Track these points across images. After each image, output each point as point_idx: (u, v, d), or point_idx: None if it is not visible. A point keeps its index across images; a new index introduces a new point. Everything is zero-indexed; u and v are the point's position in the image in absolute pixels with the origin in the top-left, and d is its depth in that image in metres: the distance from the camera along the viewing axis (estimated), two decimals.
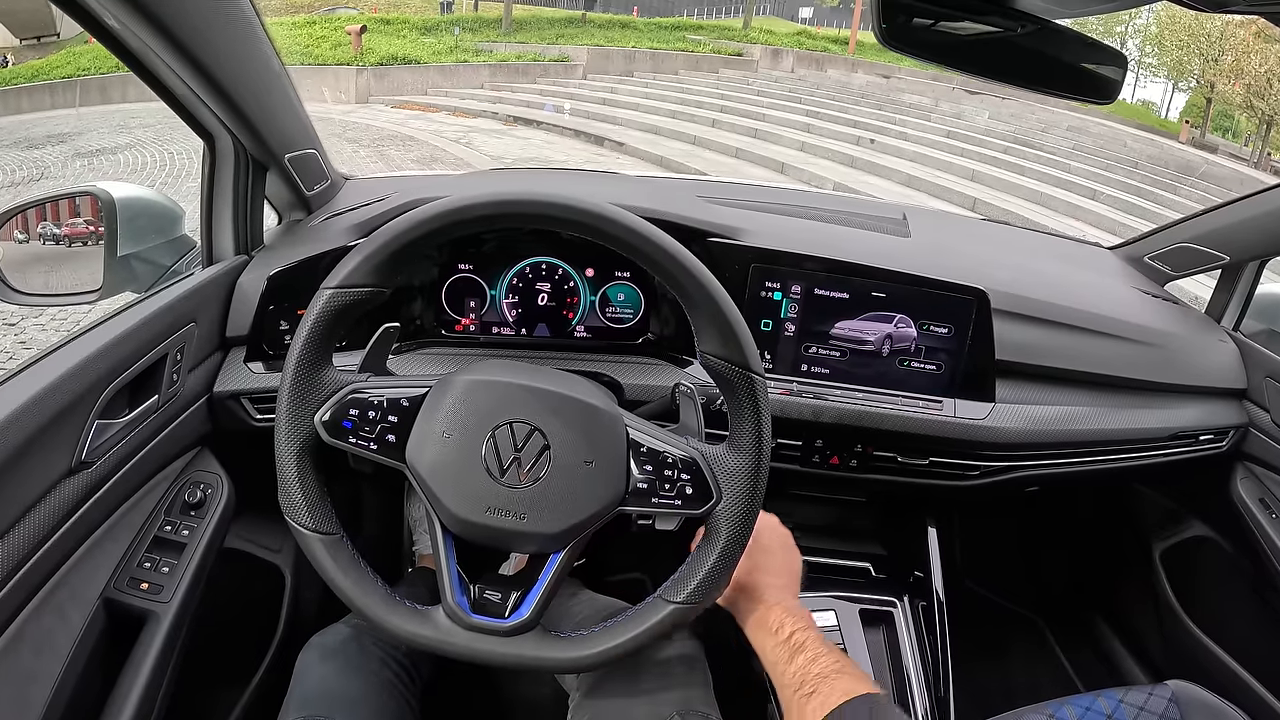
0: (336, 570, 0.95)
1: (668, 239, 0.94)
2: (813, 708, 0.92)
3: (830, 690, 0.92)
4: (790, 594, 1.13)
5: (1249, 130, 33.44)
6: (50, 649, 1.07)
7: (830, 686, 0.93)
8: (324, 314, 0.94)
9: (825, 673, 0.95)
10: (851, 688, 0.92)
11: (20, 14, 21.39)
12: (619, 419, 0.99)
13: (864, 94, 21.79)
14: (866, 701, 0.89)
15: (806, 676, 0.96)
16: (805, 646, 1.00)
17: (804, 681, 0.96)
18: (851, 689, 0.91)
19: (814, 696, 0.93)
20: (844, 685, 0.92)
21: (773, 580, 1.13)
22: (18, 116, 15.58)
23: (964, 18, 0.92)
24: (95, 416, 1.11)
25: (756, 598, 1.11)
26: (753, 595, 1.11)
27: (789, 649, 1.01)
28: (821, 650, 0.99)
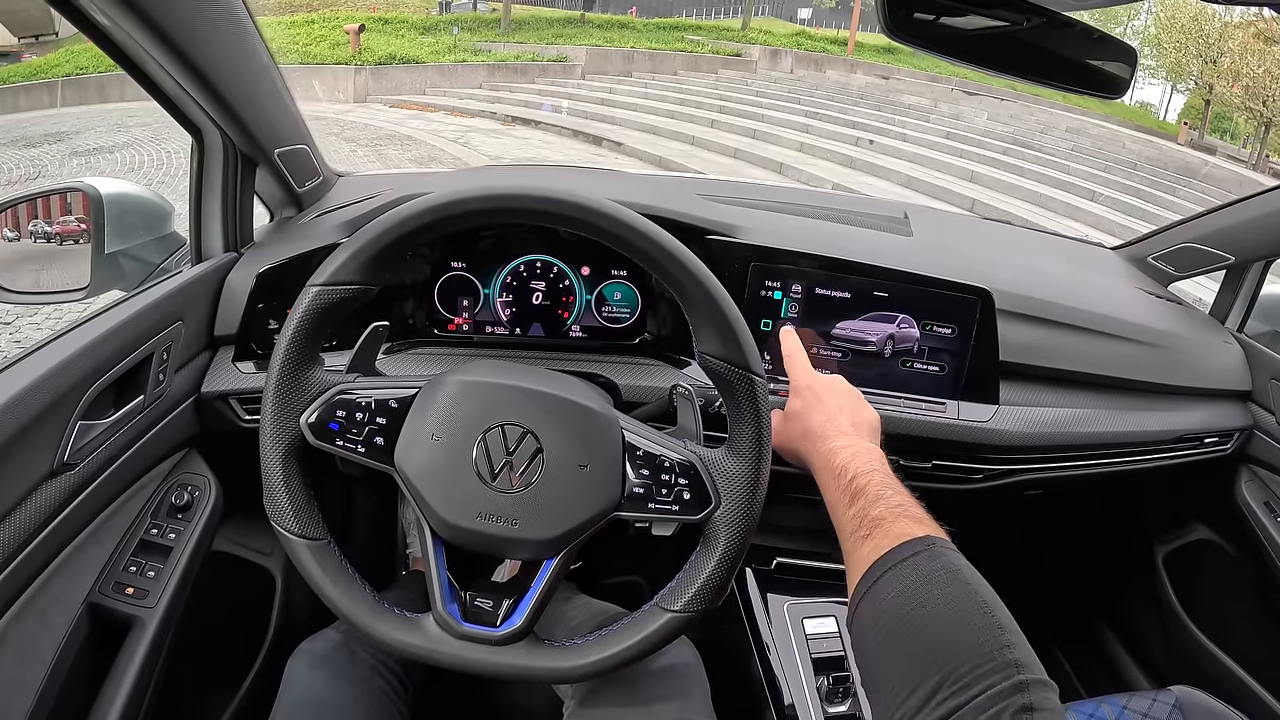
0: (323, 577, 0.93)
1: (666, 236, 0.92)
2: (866, 551, 0.88)
3: (885, 533, 0.88)
4: (860, 436, 1.08)
5: (1247, 132, 33.59)
6: (33, 656, 1.05)
7: (886, 530, 0.89)
8: (310, 312, 0.91)
9: (883, 515, 0.91)
10: (908, 530, 0.87)
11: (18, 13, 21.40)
12: (614, 421, 0.97)
13: (863, 95, 21.87)
14: (922, 543, 0.85)
15: (864, 519, 0.92)
16: (867, 490, 0.95)
17: (861, 524, 0.92)
18: (907, 531, 0.87)
19: (868, 540, 0.89)
20: (901, 528, 0.88)
21: (837, 424, 1.09)
22: (15, 115, 15.58)
23: (970, 11, 0.91)
24: (78, 417, 1.08)
25: (823, 440, 1.06)
26: (818, 438, 1.07)
27: (850, 492, 0.97)
28: (884, 492, 0.94)
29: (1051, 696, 0.70)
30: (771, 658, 1.37)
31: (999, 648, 0.72)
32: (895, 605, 0.81)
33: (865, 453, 1.03)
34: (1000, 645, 0.73)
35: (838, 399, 1.14)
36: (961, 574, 0.82)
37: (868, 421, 1.14)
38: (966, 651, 0.73)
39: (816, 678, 1.33)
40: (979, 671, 0.70)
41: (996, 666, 0.70)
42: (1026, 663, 0.71)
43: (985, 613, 0.77)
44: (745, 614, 1.45)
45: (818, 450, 1.06)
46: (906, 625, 0.79)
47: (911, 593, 0.81)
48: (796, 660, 1.36)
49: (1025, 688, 0.69)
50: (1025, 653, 0.73)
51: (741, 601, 1.46)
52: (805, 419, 1.11)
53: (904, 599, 0.81)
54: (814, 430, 1.08)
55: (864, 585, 0.85)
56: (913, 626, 0.78)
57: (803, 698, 1.31)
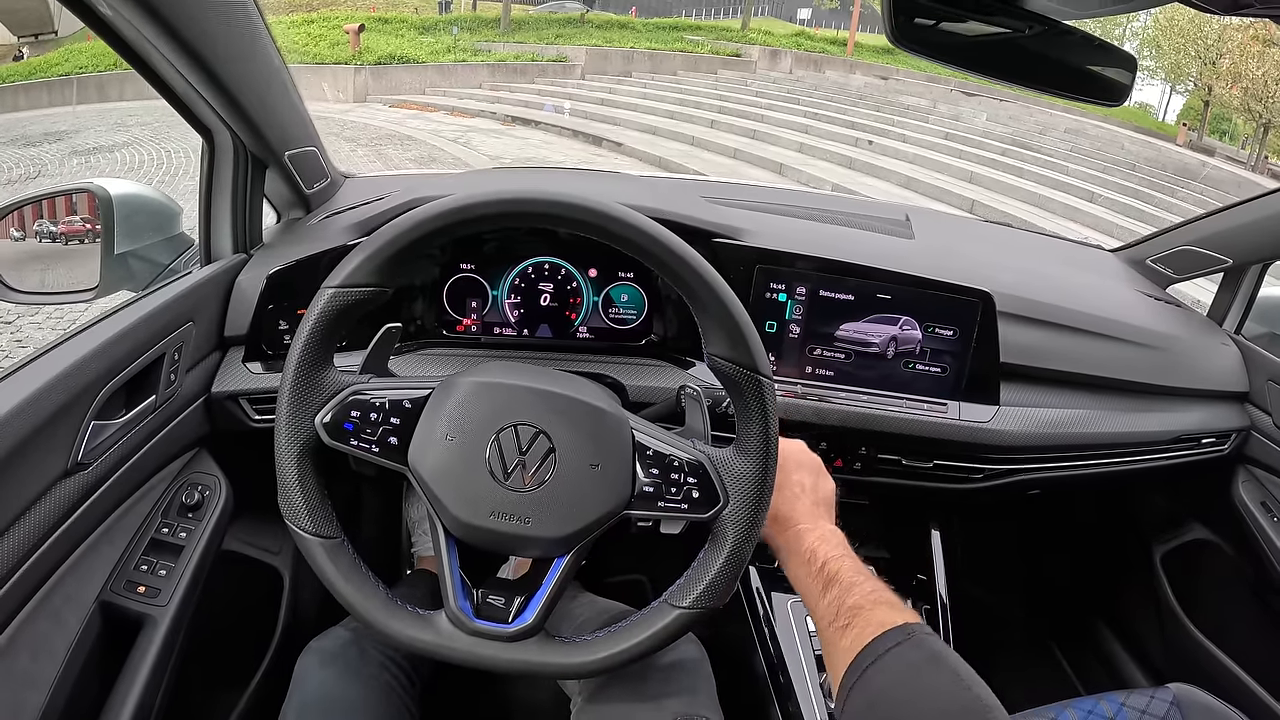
0: (337, 575, 0.93)
1: (676, 239, 0.93)
2: (847, 642, 0.89)
3: (865, 623, 0.89)
4: (823, 519, 1.09)
5: (1246, 133, 33.53)
6: (46, 653, 1.06)
7: (865, 619, 0.90)
8: (325, 313, 0.92)
9: (860, 604, 0.92)
10: (886, 618, 0.88)
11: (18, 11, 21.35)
12: (625, 422, 0.98)
13: (862, 95, 21.83)
14: (902, 632, 0.86)
15: (841, 608, 0.93)
16: (840, 576, 0.96)
17: (838, 613, 0.93)
18: (886, 619, 0.88)
19: (848, 630, 0.90)
20: (879, 616, 0.89)
21: (803, 507, 1.09)
22: (15, 114, 15.54)
23: (973, 18, 0.92)
24: (92, 417, 1.09)
25: (788, 525, 1.07)
26: (784, 523, 1.08)
27: (822, 579, 0.97)
28: (857, 579, 0.96)
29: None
30: (776, 654, 1.38)
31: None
32: (886, 697, 0.83)
33: (830, 536, 1.04)
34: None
35: (798, 474, 1.14)
36: (945, 660, 0.84)
37: (826, 498, 1.14)
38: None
39: (821, 674, 1.34)
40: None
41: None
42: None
43: (973, 697, 0.79)
44: (750, 611, 1.46)
45: (783, 534, 1.07)
46: (899, 716, 0.81)
47: (901, 684, 0.83)
48: (800, 657, 1.37)
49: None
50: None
51: (746, 599, 1.48)
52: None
53: (894, 690, 0.83)
54: (780, 513, 1.09)
55: (852, 676, 0.87)
56: (905, 716, 0.81)
57: (806, 694, 1.32)
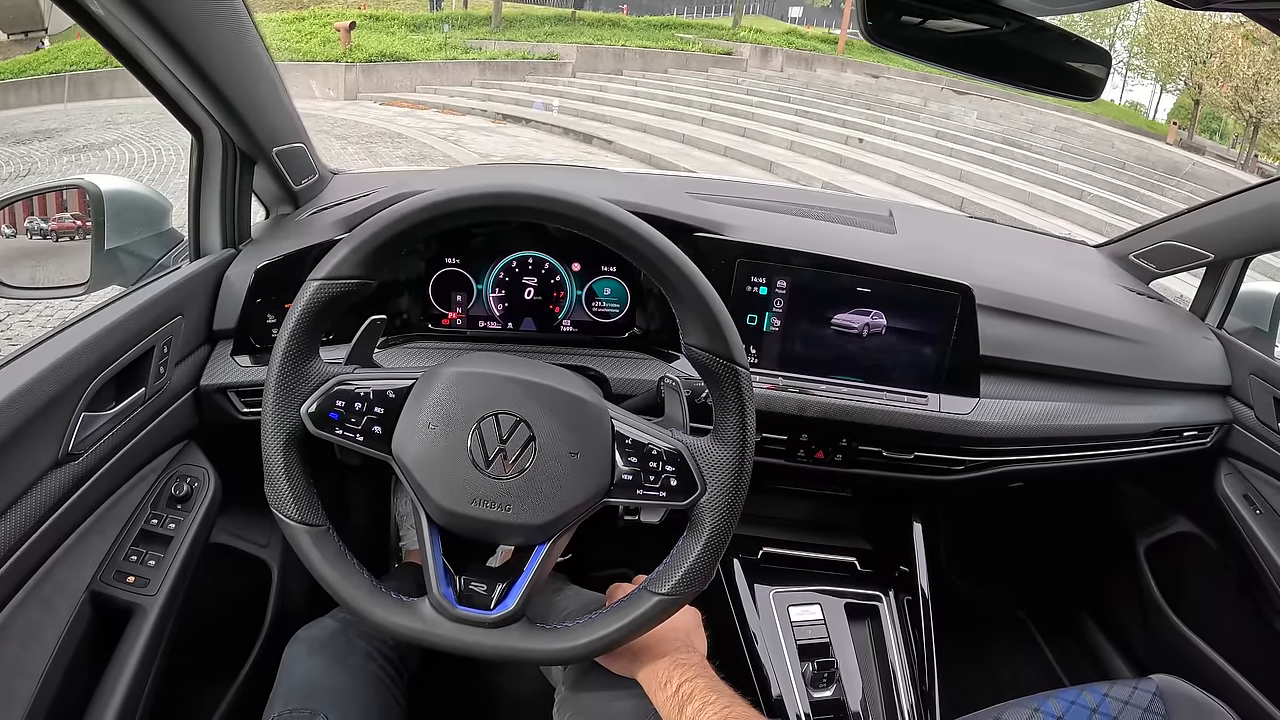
0: (322, 562, 0.94)
1: (654, 233, 0.95)
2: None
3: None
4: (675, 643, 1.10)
5: (1236, 132, 33.57)
6: (36, 642, 1.07)
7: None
8: (310, 305, 0.93)
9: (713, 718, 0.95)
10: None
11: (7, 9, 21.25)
12: (604, 411, 0.99)
13: (853, 93, 21.84)
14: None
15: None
16: (693, 696, 0.99)
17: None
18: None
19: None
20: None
21: (667, 644, 1.10)
22: (4, 112, 15.48)
23: (950, 15, 0.93)
24: (82, 408, 1.10)
25: (649, 657, 1.08)
26: (642, 656, 1.09)
27: (677, 701, 1.00)
28: (710, 697, 0.98)
29: None
30: (758, 645, 1.39)
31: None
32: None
33: (685, 659, 1.06)
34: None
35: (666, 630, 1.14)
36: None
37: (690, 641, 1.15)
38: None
39: (802, 664, 1.36)
40: None
41: None
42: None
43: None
44: (732, 602, 1.48)
45: (642, 665, 1.09)
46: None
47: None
48: (783, 648, 1.39)
49: None
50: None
51: (728, 590, 1.49)
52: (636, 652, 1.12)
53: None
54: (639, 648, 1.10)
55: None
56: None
57: (788, 683, 1.33)
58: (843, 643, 1.45)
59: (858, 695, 1.36)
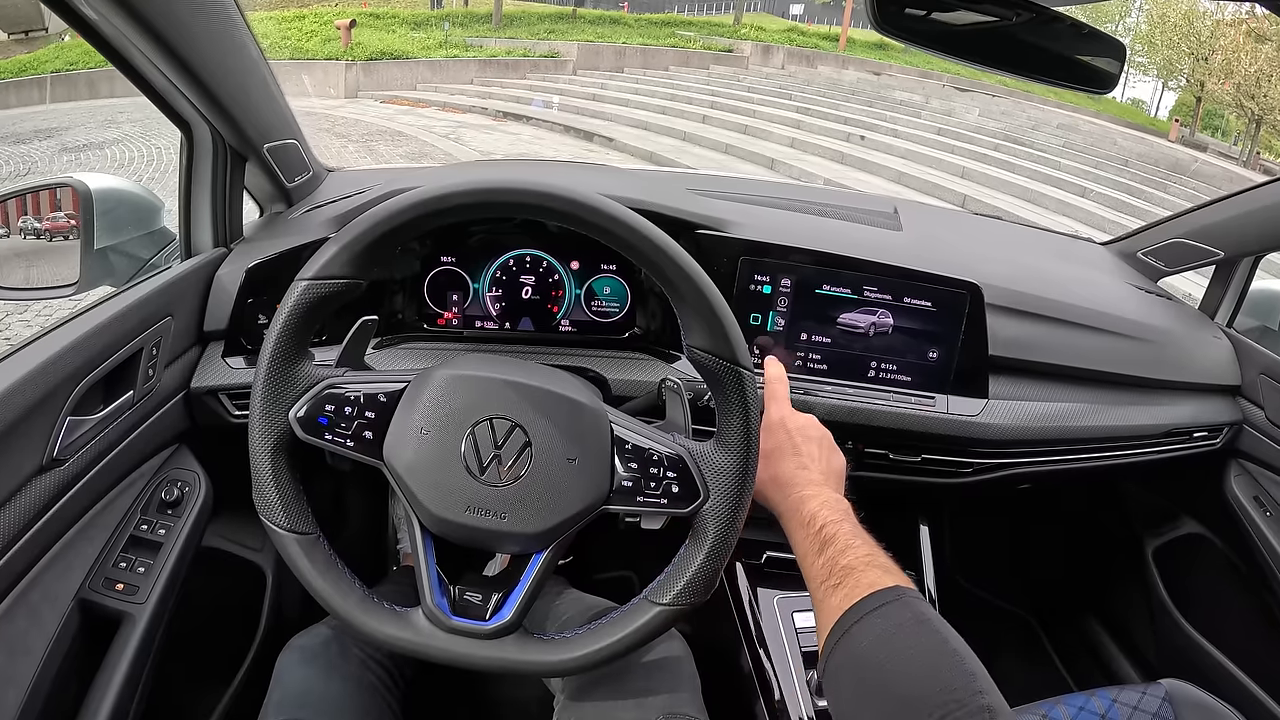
0: (313, 571, 0.92)
1: (654, 229, 0.92)
2: (836, 601, 0.88)
3: (855, 583, 0.88)
4: (829, 486, 1.07)
5: (1238, 129, 33.63)
6: (24, 651, 1.05)
7: (856, 579, 0.88)
8: (298, 306, 0.91)
9: (853, 564, 0.91)
10: (877, 580, 0.87)
11: (8, 8, 21.30)
12: (603, 415, 0.97)
13: (854, 91, 21.89)
14: (892, 593, 0.85)
15: (834, 568, 0.92)
16: (835, 538, 0.95)
17: (830, 573, 0.92)
18: (877, 581, 0.87)
19: (838, 589, 0.89)
20: (870, 578, 0.88)
21: (808, 473, 1.08)
22: (4, 111, 15.51)
23: (959, 6, 0.91)
24: (68, 413, 1.08)
25: (791, 490, 1.06)
26: (787, 488, 1.06)
27: (819, 541, 0.96)
28: (853, 541, 0.95)
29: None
30: (761, 651, 1.37)
31: (971, 694, 0.73)
32: (867, 654, 0.82)
33: (834, 502, 1.03)
34: (972, 691, 0.74)
35: (810, 446, 1.13)
36: (931, 623, 0.82)
37: (836, 471, 1.13)
38: (939, 699, 0.73)
39: (806, 671, 1.33)
40: (952, 718, 0.71)
41: (969, 713, 0.71)
42: (998, 708, 0.72)
43: (957, 660, 0.78)
44: (735, 608, 1.45)
45: (786, 498, 1.06)
46: (879, 675, 0.80)
47: (883, 642, 0.82)
48: (786, 654, 1.36)
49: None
50: (997, 699, 0.74)
51: (732, 595, 1.47)
52: (776, 464, 1.10)
53: (876, 648, 0.82)
54: (783, 477, 1.08)
55: (836, 634, 0.86)
56: (885, 676, 0.79)
57: (793, 691, 1.31)
58: None
59: None
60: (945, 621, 0.84)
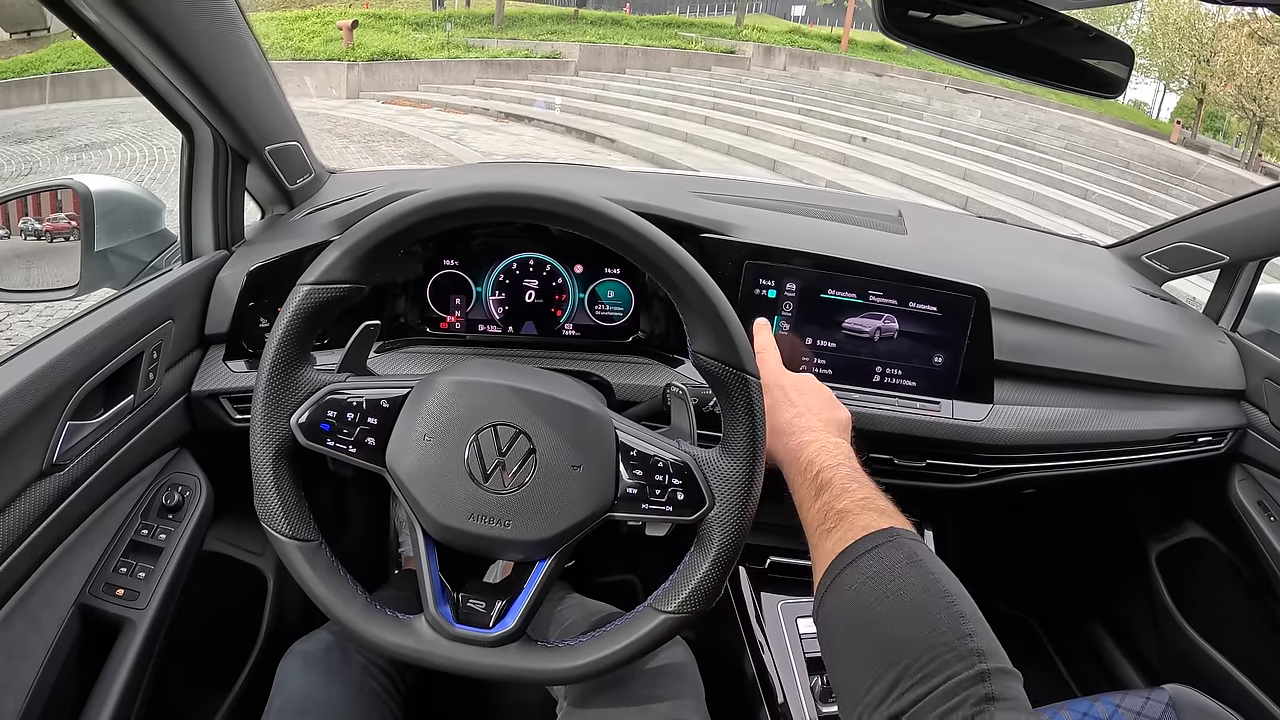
0: (315, 578, 0.92)
1: (660, 234, 0.91)
2: (830, 544, 0.87)
3: (850, 526, 0.87)
4: (825, 433, 1.06)
5: (1240, 131, 33.61)
6: (24, 657, 1.04)
7: (850, 522, 0.88)
8: (300, 311, 0.91)
9: (848, 508, 0.90)
10: (872, 522, 0.87)
11: (9, 8, 21.32)
12: (608, 421, 0.96)
13: (856, 92, 21.89)
14: (885, 534, 0.84)
15: (829, 512, 0.91)
16: (832, 483, 0.95)
17: (825, 517, 0.91)
18: (872, 524, 0.86)
19: (832, 533, 0.88)
20: (865, 520, 0.87)
21: (805, 420, 1.07)
22: (6, 111, 15.52)
23: (966, 9, 0.90)
24: (67, 417, 1.07)
25: (789, 436, 1.05)
26: (784, 435, 1.06)
27: (815, 486, 0.96)
28: (849, 485, 0.94)
29: (1014, 685, 0.69)
30: (765, 657, 1.36)
31: (960, 636, 0.72)
32: (858, 596, 0.81)
33: (832, 447, 1.02)
34: (962, 634, 0.73)
35: (807, 398, 1.12)
36: (924, 563, 0.81)
37: (837, 420, 1.12)
38: (928, 641, 0.72)
39: (810, 677, 1.33)
40: (940, 661, 0.70)
41: (958, 655, 0.70)
42: (989, 651, 0.71)
43: (948, 602, 0.76)
44: (739, 614, 1.45)
45: (784, 446, 1.05)
46: (869, 616, 0.79)
47: (874, 583, 0.80)
48: (790, 660, 1.36)
49: (987, 677, 0.69)
50: (988, 641, 0.73)
51: (735, 601, 1.46)
52: (773, 415, 1.09)
53: (866, 590, 0.81)
54: (780, 426, 1.07)
55: (828, 577, 0.85)
56: (875, 617, 0.78)
57: (796, 697, 1.31)
58: None
59: None
60: (940, 561, 0.83)
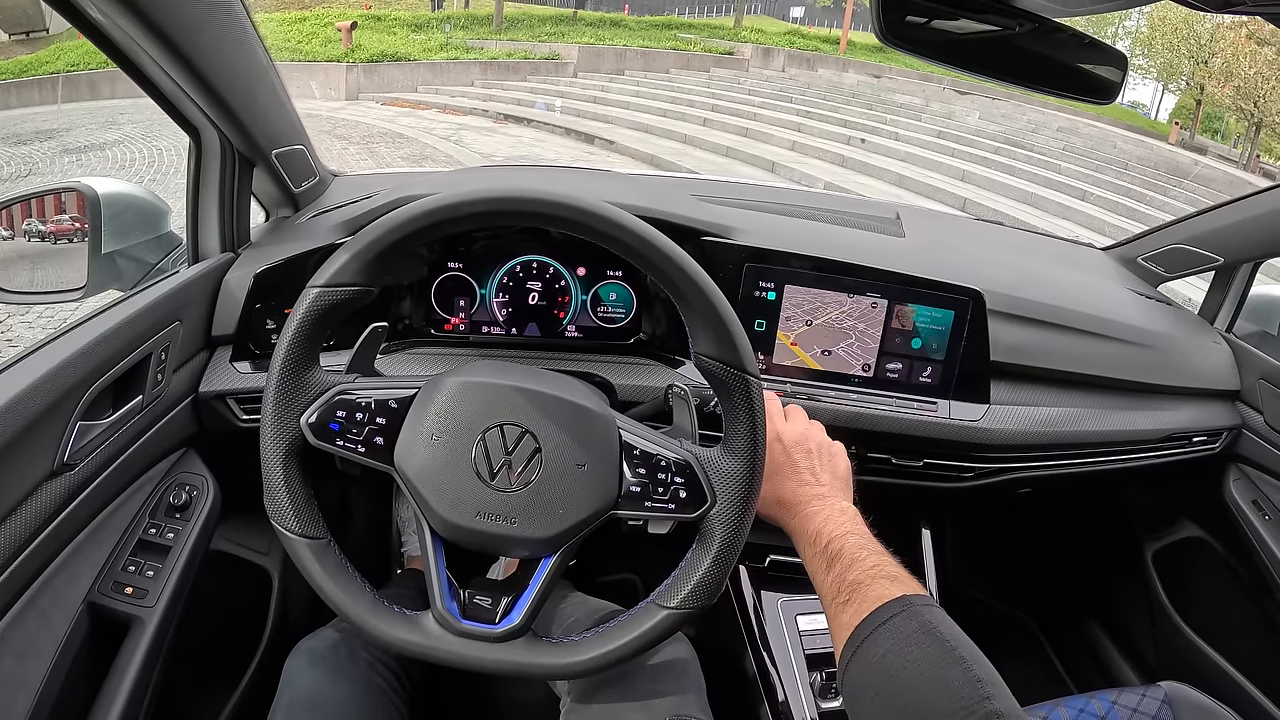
0: (324, 576, 0.93)
1: (663, 238, 0.93)
2: (847, 616, 0.89)
3: (864, 597, 0.89)
4: (837, 498, 1.08)
5: (1238, 132, 33.57)
6: (34, 655, 1.05)
7: (864, 594, 0.89)
8: (310, 313, 0.92)
9: (860, 579, 0.92)
10: (884, 592, 0.88)
11: (9, 9, 21.28)
12: (611, 421, 0.98)
13: (855, 94, 21.88)
14: (899, 604, 0.86)
15: (842, 584, 0.93)
16: (842, 554, 0.96)
17: (840, 590, 0.93)
18: (884, 593, 0.88)
19: (848, 606, 0.90)
20: (877, 590, 0.89)
21: (810, 489, 1.09)
22: (5, 112, 15.50)
23: (963, 16, 0.91)
24: (78, 418, 1.08)
25: (796, 509, 1.07)
26: (792, 508, 1.07)
27: (826, 557, 0.97)
28: (859, 554, 0.95)
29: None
30: (766, 654, 1.38)
31: (979, 700, 0.74)
32: (879, 668, 0.83)
33: (838, 514, 1.03)
34: (980, 698, 0.75)
35: (809, 459, 1.13)
36: (938, 631, 0.83)
37: (841, 477, 1.14)
38: (949, 708, 0.75)
39: (810, 674, 1.34)
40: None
41: (978, 719, 0.73)
42: (1008, 711, 0.73)
43: (964, 668, 0.79)
44: (739, 611, 1.46)
45: (793, 517, 1.07)
46: (893, 685, 0.81)
47: (893, 655, 0.83)
48: (790, 656, 1.37)
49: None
50: (1006, 702, 0.75)
51: (736, 599, 1.47)
52: (778, 485, 1.10)
53: (886, 662, 0.83)
54: (787, 497, 1.09)
55: (849, 650, 0.87)
56: (896, 687, 0.80)
57: (796, 694, 1.32)
58: None
59: None
60: (954, 626, 0.85)
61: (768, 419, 1.18)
